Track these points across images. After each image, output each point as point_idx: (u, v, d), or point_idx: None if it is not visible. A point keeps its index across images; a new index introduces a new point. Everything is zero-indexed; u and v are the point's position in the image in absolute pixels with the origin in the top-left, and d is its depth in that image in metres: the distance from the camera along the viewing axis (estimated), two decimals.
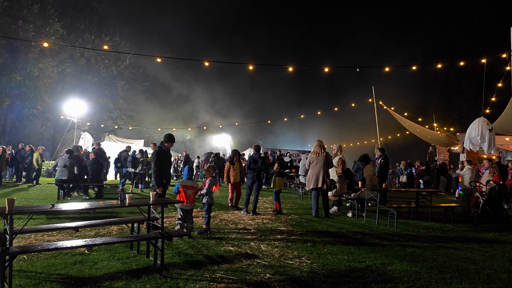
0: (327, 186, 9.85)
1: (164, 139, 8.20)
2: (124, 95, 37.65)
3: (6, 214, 4.29)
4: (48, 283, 4.54)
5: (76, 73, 31.24)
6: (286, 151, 24.90)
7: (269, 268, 5.43)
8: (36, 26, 26.18)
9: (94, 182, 13.01)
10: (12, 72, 25.78)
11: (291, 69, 17.80)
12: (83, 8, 35.12)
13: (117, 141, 28.05)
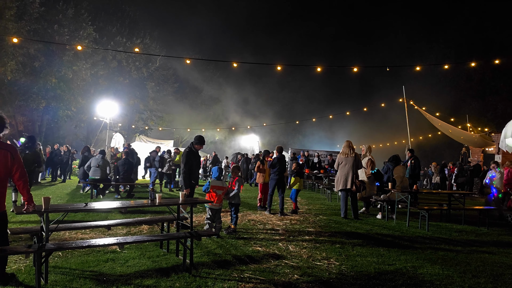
0: (356, 187, 9.74)
1: (195, 141, 8.28)
2: (155, 96, 38.32)
3: (43, 212, 4.46)
4: (82, 280, 4.67)
5: (108, 75, 32.02)
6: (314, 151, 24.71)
7: (297, 269, 5.41)
8: (71, 30, 27.00)
9: (125, 181, 13.31)
10: (48, 75, 26.69)
11: (319, 69, 17.69)
12: (115, 12, 35.98)
13: (148, 142, 28.57)
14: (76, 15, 28.09)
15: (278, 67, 17.34)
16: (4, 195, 4.40)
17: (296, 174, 10.75)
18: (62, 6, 27.24)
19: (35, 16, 24.36)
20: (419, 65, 20.05)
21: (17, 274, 4.70)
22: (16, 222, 7.80)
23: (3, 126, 4.37)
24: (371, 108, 34.12)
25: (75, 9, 28.41)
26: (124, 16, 36.28)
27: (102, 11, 34.56)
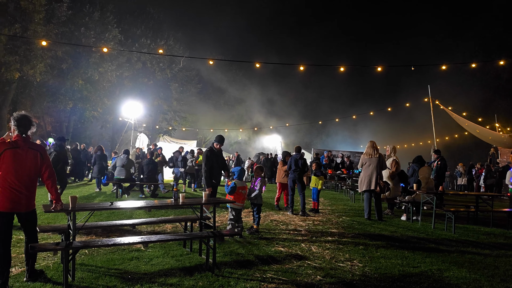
0: (380, 188, 9.62)
1: (215, 140, 8.36)
2: (178, 97, 38.75)
3: (70, 210, 4.57)
4: (107, 277, 4.77)
5: (133, 76, 32.57)
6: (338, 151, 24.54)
7: (320, 270, 5.39)
8: (97, 33, 27.58)
9: (149, 181, 13.50)
10: (75, 77, 27.34)
11: (342, 69, 17.55)
12: (139, 14, 36.57)
13: (171, 142, 28.88)
14: (102, 18, 28.70)
15: (301, 67, 17.28)
16: (34, 194, 4.53)
17: (315, 174, 10.75)
18: (89, 9, 27.87)
19: (62, 20, 24.97)
20: (445, 64, 19.65)
21: (45, 271, 4.83)
22: (45, 220, 8.01)
23: (30, 125, 4.49)
24: (395, 108, 33.63)
25: (101, 12, 29.03)
26: (148, 18, 36.83)
27: (127, 14, 35.19)
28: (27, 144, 4.40)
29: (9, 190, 4.25)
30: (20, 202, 4.34)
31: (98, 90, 29.41)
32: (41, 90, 29.19)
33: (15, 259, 5.17)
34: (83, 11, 27.54)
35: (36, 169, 4.45)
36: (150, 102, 34.35)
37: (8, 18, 22.80)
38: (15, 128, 4.42)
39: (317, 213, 10.40)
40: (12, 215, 4.35)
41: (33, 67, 23.58)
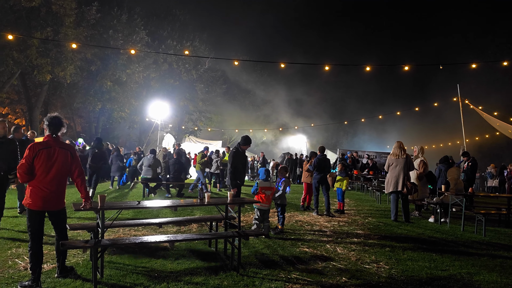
0: (407, 190, 9.45)
1: (241, 141, 8.37)
2: (204, 97, 39.06)
3: (99, 209, 4.68)
4: (134, 275, 4.86)
5: (159, 77, 33.04)
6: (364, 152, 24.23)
7: (345, 271, 5.34)
8: (124, 35, 28.13)
9: (175, 181, 13.67)
10: (104, 78, 27.96)
11: (369, 69, 17.33)
12: (166, 16, 37.08)
13: (197, 142, 29.14)
14: (129, 20, 29.25)
15: (326, 67, 17.15)
16: (64, 192, 4.66)
17: (340, 174, 10.68)
18: (117, 12, 28.46)
19: (92, 23, 25.58)
20: (475, 63, 19.12)
21: (75, 267, 4.96)
22: (74, 218, 8.22)
23: (61, 125, 4.62)
24: (423, 108, 32.94)
25: (129, 14, 29.60)
26: (174, 20, 37.29)
27: (154, 16, 35.75)
28: (57, 144, 4.53)
29: (41, 189, 4.38)
30: (51, 201, 4.47)
31: (126, 91, 29.99)
32: (71, 92, 30.02)
33: (47, 256, 5.33)
34: (111, 14, 28.16)
35: (66, 168, 4.57)
36: (176, 103, 34.75)
37: (40, 22, 23.53)
38: (47, 128, 4.56)
39: (343, 214, 10.32)
40: (44, 213, 4.48)
41: (64, 69, 24.24)
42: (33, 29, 23.31)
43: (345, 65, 49.61)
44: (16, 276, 4.67)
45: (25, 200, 4.42)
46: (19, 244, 6.11)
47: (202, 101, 39.38)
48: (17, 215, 8.56)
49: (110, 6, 29.11)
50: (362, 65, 17.21)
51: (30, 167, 4.35)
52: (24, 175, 4.35)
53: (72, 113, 33.55)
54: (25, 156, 4.35)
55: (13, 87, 29.29)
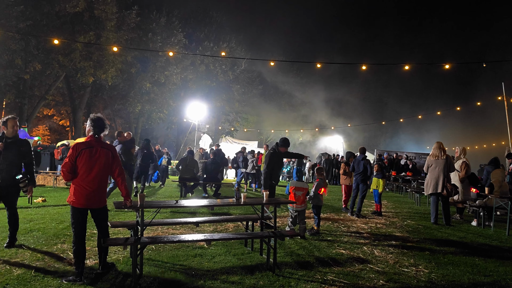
0: (447, 191, 9.16)
1: (280, 143, 8.35)
2: (240, 98, 39.35)
3: (138, 207, 4.81)
4: (172, 272, 4.96)
5: (196, 79, 33.56)
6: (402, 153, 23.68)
7: (382, 274, 5.25)
8: (163, 37, 28.77)
9: (212, 181, 13.84)
10: (143, 80, 28.71)
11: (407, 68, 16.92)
12: (203, 18, 37.63)
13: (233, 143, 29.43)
14: (168, 23, 29.90)
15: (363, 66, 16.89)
16: (105, 191, 4.82)
17: (376, 176, 10.49)
18: (156, 16, 29.16)
19: (132, 26, 26.32)
20: None
21: (116, 264, 5.12)
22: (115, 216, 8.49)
23: (104, 127, 4.79)
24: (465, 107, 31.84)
25: (167, 17, 30.27)
26: (211, 21, 37.78)
27: (191, 18, 36.37)
28: (99, 144, 4.70)
29: (83, 187, 4.55)
30: (93, 199, 4.64)
31: (164, 93, 30.67)
32: (112, 93, 31.01)
33: (89, 252, 5.52)
34: (151, 17, 28.88)
35: (107, 167, 4.73)
36: (213, 104, 35.18)
37: (83, 26, 24.44)
38: (90, 128, 4.73)
39: (380, 216, 10.14)
40: (86, 211, 4.65)
41: (105, 71, 25.07)
42: (76, 34, 24.25)
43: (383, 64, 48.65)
44: (61, 271, 4.87)
45: (69, 198, 4.60)
46: (63, 240, 6.37)
47: (239, 101, 39.68)
48: (60, 212, 8.92)
49: (149, 9, 29.87)
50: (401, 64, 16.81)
51: (73, 166, 4.53)
52: (67, 174, 4.54)
53: (113, 114, 34.62)
54: (68, 155, 4.54)
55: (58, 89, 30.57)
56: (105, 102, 34.08)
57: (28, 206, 9.81)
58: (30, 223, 7.65)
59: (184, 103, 31.29)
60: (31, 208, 9.51)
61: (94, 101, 33.91)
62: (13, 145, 5.66)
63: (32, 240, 6.30)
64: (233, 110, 39.63)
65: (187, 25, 34.41)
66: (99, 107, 35.05)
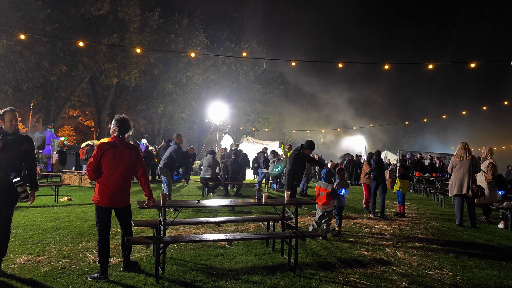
0: (473, 193, 8.96)
1: (305, 145, 8.31)
2: (261, 98, 39.36)
3: (161, 207, 4.87)
4: (194, 272, 5.01)
5: (218, 79, 33.73)
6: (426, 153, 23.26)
7: (405, 276, 5.17)
8: (185, 39, 29.03)
9: (233, 181, 13.90)
10: (165, 81, 29.04)
11: (431, 67, 16.61)
12: (224, 19, 37.84)
13: (254, 143, 29.42)
14: (190, 24, 30.17)
15: (386, 66, 16.67)
16: (129, 190, 4.90)
17: (400, 176, 10.38)
18: (178, 17, 29.47)
19: (154, 28, 26.66)
20: None
21: (139, 262, 5.20)
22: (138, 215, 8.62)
23: (128, 128, 4.87)
24: (492, 107, 31.05)
25: (189, 18, 30.54)
26: (233, 22, 37.95)
27: (213, 19, 36.61)
28: (123, 144, 4.78)
29: (108, 187, 4.64)
30: (117, 198, 4.72)
31: (186, 93, 30.94)
32: (135, 94, 31.48)
33: (113, 250, 5.62)
34: (173, 19, 29.19)
35: (131, 167, 4.81)
36: (234, 104, 35.28)
37: (108, 28, 24.90)
38: (116, 129, 4.80)
39: (403, 217, 9.99)
40: (110, 209, 4.74)
41: (129, 73, 25.46)
42: (101, 36, 24.71)
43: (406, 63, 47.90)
44: (86, 268, 4.98)
45: (93, 197, 4.70)
46: (88, 238, 6.51)
47: (260, 102, 39.70)
48: (85, 211, 9.10)
49: (172, 11, 30.21)
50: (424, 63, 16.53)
51: (98, 165, 4.62)
52: (92, 173, 4.63)
53: (136, 114, 35.13)
54: (93, 155, 4.63)
55: (84, 90, 31.23)
56: (129, 103, 34.62)
57: (54, 205, 10.06)
58: (56, 221, 7.84)
59: (206, 103, 31.49)
60: (57, 207, 9.74)
61: (118, 102, 34.52)
62: (14, 143, 4.68)
63: (58, 238, 6.46)
64: (254, 111, 39.67)
65: (208, 26, 34.64)
66: (122, 107, 35.65)
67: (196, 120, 35.12)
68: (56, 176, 17.13)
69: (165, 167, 10.02)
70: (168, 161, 10.07)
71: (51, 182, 15.60)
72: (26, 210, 9.04)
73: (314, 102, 45.92)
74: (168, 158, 10.04)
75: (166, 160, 10.10)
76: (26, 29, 19.94)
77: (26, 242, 6.13)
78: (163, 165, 10.08)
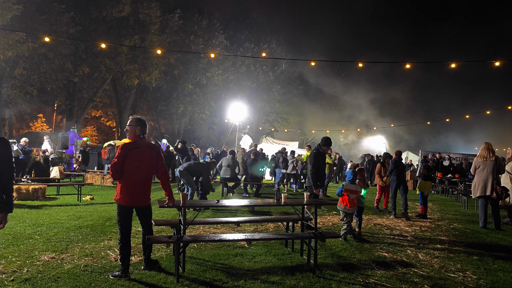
0: (497, 194, 8.76)
1: (322, 142, 8.28)
2: (280, 98, 39.33)
3: (181, 206, 4.91)
4: (214, 271, 5.04)
5: (237, 80, 33.86)
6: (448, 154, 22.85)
7: (427, 279, 5.09)
8: (204, 39, 29.26)
9: (253, 181, 13.92)
10: (185, 81, 29.32)
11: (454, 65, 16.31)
12: (243, 20, 37.97)
13: (274, 143, 29.42)
14: (209, 25, 30.40)
15: (407, 65, 16.44)
16: (149, 190, 4.95)
17: (423, 177, 10.24)
18: (198, 18, 29.71)
19: (175, 29, 26.95)
20: None
21: (159, 261, 5.26)
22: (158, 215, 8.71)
23: (146, 127, 4.92)
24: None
25: (209, 19, 30.77)
26: (252, 23, 38.04)
27: (232, 20, 36.77)
28: (145, 144, 4.84)
29: (130, 186, 4.70)
30: (139, 197, 4.78)
31: (206, 94, 31.18)
32: (156, 95, 31.86)
33: (134, 249, 5.70)
34: (193, 20, 29.44)
35: (152, 167, 4.86)
36: (254, 104, 35.35)
37: (129, 30, 25.30)
38: (137, 129, 4.83)
39: (425, 219, 9.84)
40: (132, 208, 4.80)
41: (150, 74, 25.80)
42: (122, 38, 25.11)
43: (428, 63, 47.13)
44: (108, 266, 5.06)
45: (115, 196, 4.77)
46: (110, 236, 6.61)
47: (279, 102, 39.67)
48: (107, 210, 9.25)
49: (192, 12, 30.47)
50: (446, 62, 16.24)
51: (121, 165, 4.69)
52: (115, 173, 4.70)
53: (157, 115, 35.54)
54: (116, 155, 4.70)
55: (105, 91, 31.79)
56: (149, 104, 35.05)
57: (77, 204, 10.26)
58: (79, 220, 7.99)
59: (225, 104, 31.66)
60: (80, 206, 9.93)
61: (139, 103, 34.98)
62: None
63: (81, 236, 6.59)
64: (273, 111, 39.65)
65: (228, 26, 34.80)
66: (143, 108, 36.11)
67: (215, 121, 35.33)
68: (79, 175, 17.47)
69: (185, 171, 10.57)
70: (188, 165, 10.80)
71: (74, 181, 15.92)
72: (50, 209, 9.25)
73: (334, 102, 45.60)
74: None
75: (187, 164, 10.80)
76: (50, 32, 20.43)
77: (50, 240, 6.27)
78: (184, 169, 10.68)
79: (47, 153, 16.71)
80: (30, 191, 10.59)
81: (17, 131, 33.91)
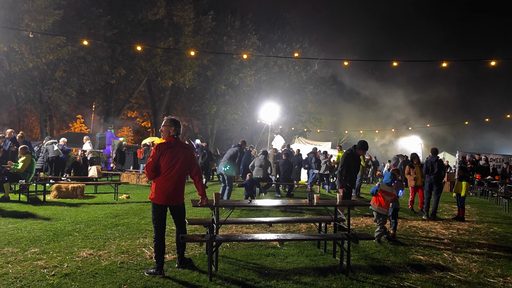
0: None
1: (358, 145, 8.18)
2: (313, 99, 39.04)
3: (214, 206, 4.97)
4: (246, 270, 5.07)
5: (270, 80, 33.88)
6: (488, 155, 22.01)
7: (465, 284, 4.94)
8: (237, 40, 29.45)
9: (285, 181, 13.90)
10: (218, 82, 29.61)
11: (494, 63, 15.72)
12: (276, 20, 37.93)
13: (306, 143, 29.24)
14: (242, 26, 30.57)
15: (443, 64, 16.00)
16: (183, 189, 5.04)
17: (458, 178, 9.94)
18: (230, 19, 29.95)
19: (208, 31, 27.27)
20: None
21: (193, 259, 5.34)
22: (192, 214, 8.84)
23: (180, 128, 5.01)
24: None
25: (241, 20, 30.94)
26: (284, 23, 37.96)
27: (265, 20, 36.82)
28: (179, 144, 4.93)
29: (164, 185, 4.80)
30: (173, 196, 4.87)
31: (238, 94, 31.38)
32: (189, 96, 32.35)
33: (168, 247, 5.81)
34: (225, 21, 29.71)
35: (185, 166, 4.94)
36: (286, 105, 35.25)
37: (163, 32, 25.80)
38: (172, 129, 4.93)
39: (463, 222, 9.55)
40: (166, 207, 4.90)
41: (183, 75, 26.22)
42: (157, 40, 25.64)
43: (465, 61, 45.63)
44: (143, 264, 5.18)
45: (150, 195, 4.88)
46: (145, 234, 6.77)
47: (312, 102, 39.38)
48: (143, 208, 9.47)
49: (224, 14, 30.74)
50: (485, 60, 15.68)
51: (157, 165, 4.79)
52: (151, 172, 4.81)
53: (190, 115, 36.05)
54: (152, 155, 4.81)
55: (141, 93, 32.56)
56: (183, 104, 35.62)
57: (114, 202, 10.55)
58: (115, 218, 8.22)
59: (258, 104, 31.74)
60: (116, 204, 10.21)
61: (173, 103, 35.61)
62: None
63: (117, 233, 6.77)
64: (306, 111, 39.41)
65: (260, 27, 34.86)
66: (177, 109, 36.73)
67: (248, 121, 35.46)
68: (115, 174, 17.95)
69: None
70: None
71: (111, 180, 16.37)
72: (88, 207, 9.56)
73: (367, 102, 44.81)
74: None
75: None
76: (89, 35, 21.12)
77: (88, 237, 6.48)
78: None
79: (85, 153, 17.28)
80: (70, 189, 10.98)
81: (57, 131, 35.18)
